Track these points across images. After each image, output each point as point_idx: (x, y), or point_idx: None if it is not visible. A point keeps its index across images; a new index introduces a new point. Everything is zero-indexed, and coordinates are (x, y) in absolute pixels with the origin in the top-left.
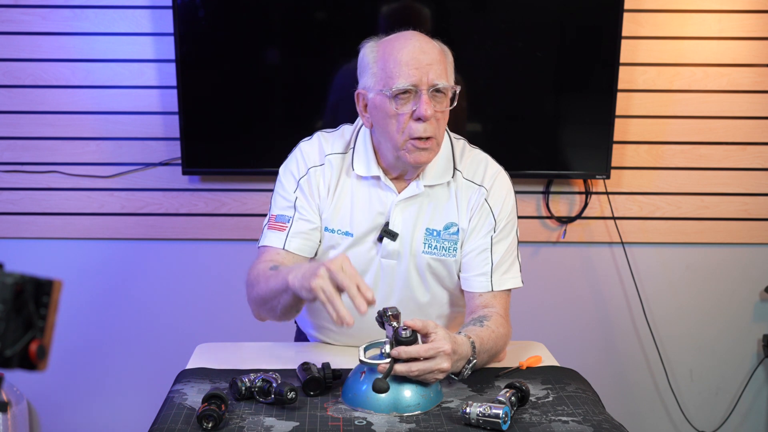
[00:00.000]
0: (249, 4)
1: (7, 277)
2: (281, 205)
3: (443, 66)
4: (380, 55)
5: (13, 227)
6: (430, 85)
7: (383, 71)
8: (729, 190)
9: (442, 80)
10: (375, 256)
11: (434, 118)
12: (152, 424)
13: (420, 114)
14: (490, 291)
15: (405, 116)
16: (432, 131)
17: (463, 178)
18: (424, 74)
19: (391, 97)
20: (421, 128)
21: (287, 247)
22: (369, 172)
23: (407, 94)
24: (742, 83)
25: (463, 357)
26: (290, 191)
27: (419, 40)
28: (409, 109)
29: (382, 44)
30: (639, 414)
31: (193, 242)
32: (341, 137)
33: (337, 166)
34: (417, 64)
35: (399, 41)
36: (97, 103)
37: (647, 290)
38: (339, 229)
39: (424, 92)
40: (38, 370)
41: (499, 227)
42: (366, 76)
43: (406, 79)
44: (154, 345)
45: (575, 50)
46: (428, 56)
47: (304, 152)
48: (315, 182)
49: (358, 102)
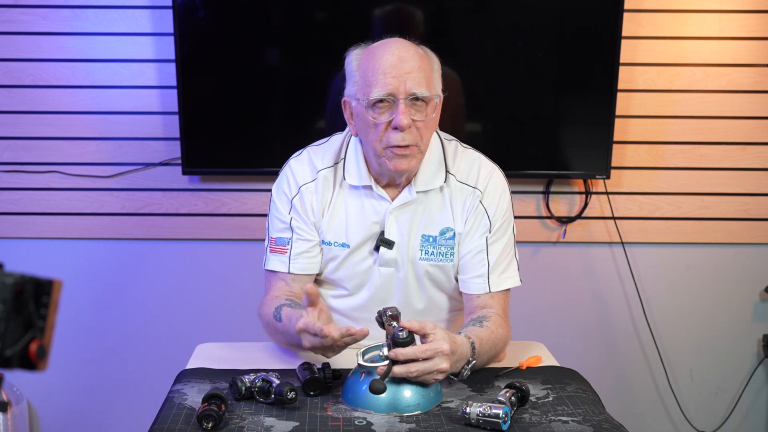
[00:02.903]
0: (249, 4)
1: (7, 277)
2: (278, 228)
3: (425, 73)
4: (362, 63)
5: (13, 227)
6: (407, 93)
7: (363, 79)
8: (729, 190)
9: (420, 89)
10: (372, 265)
11: (414, 127)
12: (152, 424)
13: (396, 123)
14: (488, 292)
15: (383, 125)
16: (411, 140)
17: (457, 181)
18: (401, 83)
19: (369, 106)
20: (398, 137)
21: (292, 270)
22: (360, 181)
23: (384, 103)
24: (742, 83)
25: (462, 357)
26: (285, 213)
27: (399, 47)
28: (387, 118)
29: (366, 52)
30: (639, 414)
31: (193, 242)
32: (330, 149)
33: (330, 179)
34: (395, 72)
35: (380, 49)
36: (97, 103)
37: (647, 290)
38: (335, 242)
39: (401, 101)
40: (38, 370)
41: (494, 227)
42: (350, 83)
43: (383, 88)
44: (154, 345)
45: (575, 50)
46: (407, 64)
47: (294, 171)
48: (308, 200)
49: (345, 110)
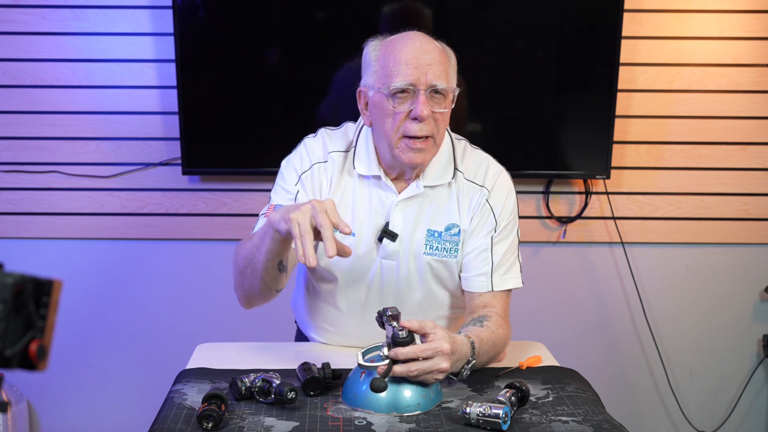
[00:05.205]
0: (249, 4)
1: (7, 277)
2: (282, 196)
3: (444, 67)
4: (382, 54)
5: (13, 227)
6: (428, 85)
7: (383, 69)
8: (729, 190)
9: (441, 81)
10: (375, 256)
11: (432, 119)
12: (152, 424)
13: (416, 113)
14: (490, 291)
15: (401, 115)
16: (428, 131)
17: (465, 179)
18: (422, 74)
19: (389, 96)
20: (417, 128)
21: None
22: (370, 171)
23: (405, 93)
24: (742, 83)
25: (462, 357)
26: (291, 183)
27: (421, 40)
28: (407, 108)
29: (385, 43)
30: (639, 414)
31: (193, 242)
32: (344, 135)
33: (339, 163)
34: (416, 63)
35: (401, 40)
36: (97, 103)
37: (647, 290)
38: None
39: (422, 92)
40: (38, 370)
41: (499, 227)
42: (367, 74)
43: (405, 78)
44: (154, 345)
45: (575, 50)
46: (429, 56)
47: (309, 148)
48: (318, 179)
49: (360, 100)
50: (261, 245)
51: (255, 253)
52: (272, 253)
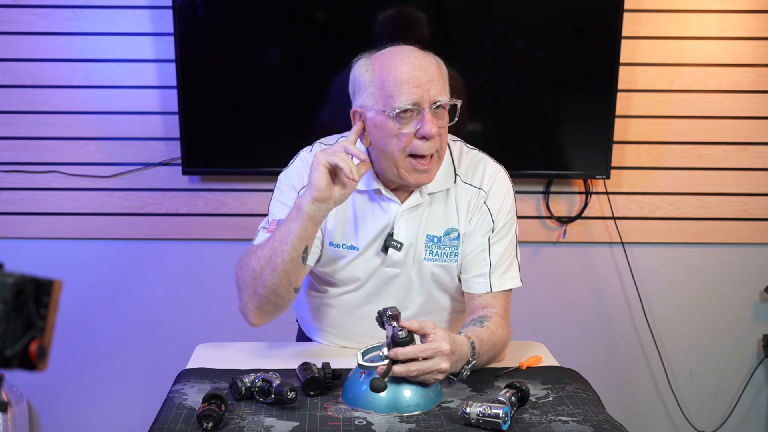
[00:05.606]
0: (249, 4)
1: (7, 277)
2: (283, 211)
3: (442, 81)
4: (376, 74)
5: (13, 227)
6: (432, 102)
7: (382, 90)
8: (729, 190)
9: (443, 96)
10: (379, 265)
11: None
12: (152, 424)
13: (425, 133)
14: (490, 291)
15: (407, 135)
16: (435, 148)
17: (462, 182)
18: (425, 92)
19: (393, 117)
20: (425, 146)
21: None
22: (369, 186)
23: (409, 113)
24: (742, 83)
25: (462, 357)
26: (290, 199)
27: (416, 56)
28: (413, 128)
29: (377, 61)
30: (639, 414)
31: (193, 242)
32: None
33: None
34: (417, 81)
35: (395, 58)
36: (97, 103)
37: (647, 290)
38: (344, 244)
39: (427, 110)
40: (38, 370)
41: (497, 228)
42: (363, 95)
43: (408, 98)
44: (154, 345)
45: (575, 50)
46: (427, 73)
47: (305, 162)
48: None
49: (355, 121)
50: (287, 234)
51: (277, 247)
52: (300, 238)
